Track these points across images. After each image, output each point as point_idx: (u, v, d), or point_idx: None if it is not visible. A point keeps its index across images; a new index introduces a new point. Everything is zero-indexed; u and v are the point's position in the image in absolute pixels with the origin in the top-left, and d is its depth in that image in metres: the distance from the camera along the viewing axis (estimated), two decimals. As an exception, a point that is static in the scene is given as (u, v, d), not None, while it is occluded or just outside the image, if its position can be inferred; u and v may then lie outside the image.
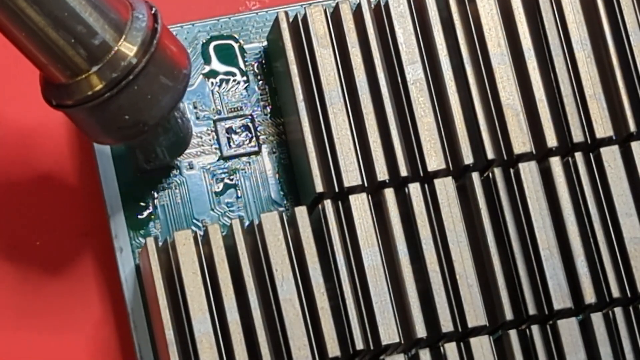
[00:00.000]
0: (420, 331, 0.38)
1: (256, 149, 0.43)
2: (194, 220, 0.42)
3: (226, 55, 0.44)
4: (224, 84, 0.43)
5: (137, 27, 0.35)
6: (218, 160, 0.43)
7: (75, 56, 0.35)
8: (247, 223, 0.40)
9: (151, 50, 0.35)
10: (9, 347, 0.41)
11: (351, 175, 0.39)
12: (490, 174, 0.40)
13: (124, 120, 0.36)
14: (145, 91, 0.36)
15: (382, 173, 0.39)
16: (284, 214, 0.39)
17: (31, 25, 0.34)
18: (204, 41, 0.44)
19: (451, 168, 0.40)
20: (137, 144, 0.40)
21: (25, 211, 0.42)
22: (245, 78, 0.43)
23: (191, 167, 0.42)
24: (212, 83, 0.43)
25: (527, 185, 0.40)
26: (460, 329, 0.39)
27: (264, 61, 0.44)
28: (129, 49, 0.35)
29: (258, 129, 0.43)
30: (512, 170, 0.40)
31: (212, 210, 0.42)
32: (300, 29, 0.41)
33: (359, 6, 0.41)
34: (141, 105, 0.36)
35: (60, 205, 0.42)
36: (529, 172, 0.40)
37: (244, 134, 0.43)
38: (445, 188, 0.39)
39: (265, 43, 0.44)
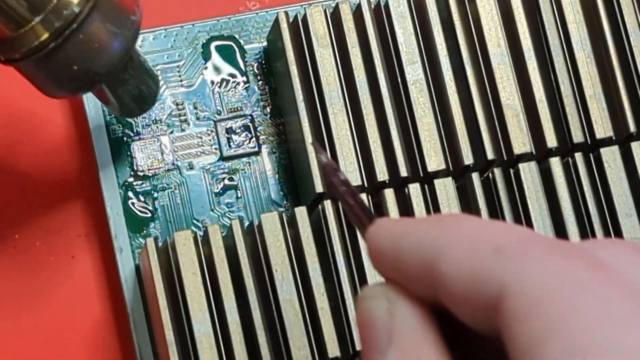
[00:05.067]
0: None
1: (256, 149, 0.43)
2: (194, 221, 0.42)
3: (226, 55, 0.44)
4: (224, 84, 0.43)
5: None
6: (218, 160, 0.43)
7: (17, 7, 0.34)
8: (247, 223, 0.40)
9: None
10: (9, 346, 0.41)
11: (351, 175, 0.39)
12: (490, 174, 0.40)
13: (74, 71, 0.36)
14: (91, 39, 0.35)
15: (382, 173, 0.39)
16: (284, 215, 0.39)
17: None
18: (204, 41, 0.44)
19: (451, 168, 0.40)
20: (100, 99, 0.40)
21: (25, 211, 0.42)
22: (245, 78, 0.43)
23: (191, 167, 0.43)
24: (212, 83, 0.43)
25: (527, 186, 0.40)
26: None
27: (264, 61, 0.44)
28: None
29: (258, 129, 0.43)
30: (512, 171, 0.40)
31: (212, 210, 0.42)
32: (300, 29, 0.41)
33: (359, 6, 0.41)
34: (90, 55, 0.35)
35: (60, 205, 0.42)
36: (529, 172, 0.40)
37: (244, 134, 0.43)
38: (445, 188, 0.39)
39: (265, 43, 0.44)
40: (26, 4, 0.34)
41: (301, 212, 0.39)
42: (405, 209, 0.39)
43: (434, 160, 0.40)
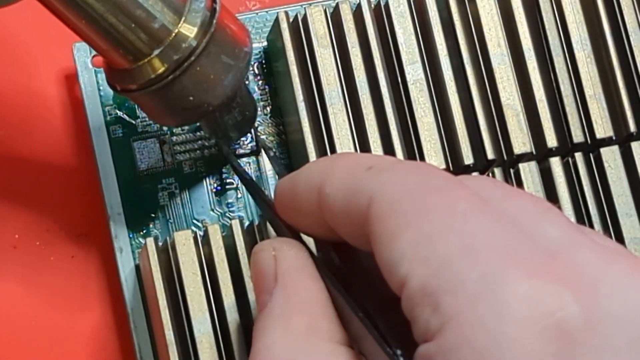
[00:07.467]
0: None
1: (256, 149, 0.43)
2: (194, 221, 0.42)
3: (226, 55, 0.44)
4: (224, 84, 0.43)
5: (195, 9, 0.35)
6: (218, 160, 0.43)
7: (136, 41, 0.35)
8: (247, 223, 0.40)
9: (211, 31, 0.35)
10: (10, 346, 0.41)
11: (351, 175, 0.39)
12: (490, 174, 0.40)
13: (189, 102, 0.36)
14: (207, 71, 0.36)
15: (382, 173, 0.39)
16: (284, 214, 0.39)
17: (90, 11, 0.34)
18: (204, 41, 0.44)
19: (451, 168, 0.40)
20: (204, 125, 0.40)
21: (25, 211, 0.42)
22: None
23: (191, 167, 0.42)
24: (212, 83, 0.43)
25: (527, 185, 0.40)
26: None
27: (264, 61, 0.44)
28: (189, 30, 0.35)
29: (258, 129, 0.43)
30: (512, 170, 0.40)
31: (212, 210, 0.42)
32: (300, 29, 0.41)
33: (359, 6, 0.41)
34: (205, 86, 0.36)
35: (60, 205, 0.42)
36: (529, 172, 0.40)
37: (244, 134, 0.43)
38: (445, 188, 0.39)
39: (265, 43, 0.44)
40: (146, 38, 0.35)
41: (301, 212, 0.39)
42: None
43: (434, 160, 0.40)
